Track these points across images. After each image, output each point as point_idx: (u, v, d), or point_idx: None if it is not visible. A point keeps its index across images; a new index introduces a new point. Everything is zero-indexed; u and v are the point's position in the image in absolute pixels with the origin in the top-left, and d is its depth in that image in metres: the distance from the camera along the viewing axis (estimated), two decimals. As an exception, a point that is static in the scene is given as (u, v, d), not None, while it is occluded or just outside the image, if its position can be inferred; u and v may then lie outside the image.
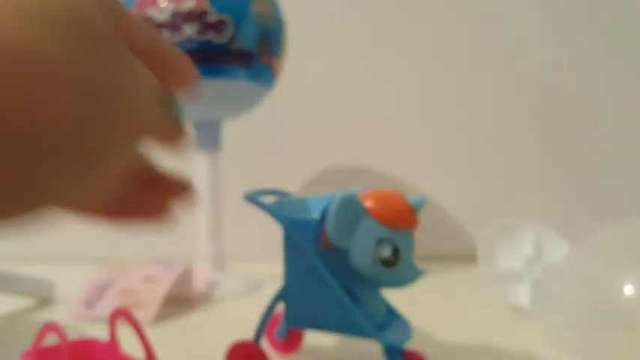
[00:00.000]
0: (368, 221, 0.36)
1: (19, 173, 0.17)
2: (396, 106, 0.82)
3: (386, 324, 0.38)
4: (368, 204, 0.36)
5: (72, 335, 0.35)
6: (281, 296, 0.38)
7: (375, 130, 0.82)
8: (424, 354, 0.38)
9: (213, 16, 0.57)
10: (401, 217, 0.36)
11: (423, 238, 0.44)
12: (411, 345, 0.38)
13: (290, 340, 0.44)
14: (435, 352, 0.43)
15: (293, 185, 0.81)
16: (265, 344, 0.42)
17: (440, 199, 0.81)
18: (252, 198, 0.39)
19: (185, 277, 0.58)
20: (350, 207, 0.36)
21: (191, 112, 0.63)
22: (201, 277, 0.62)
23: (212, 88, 0.60)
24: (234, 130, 0.70)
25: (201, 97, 0.60)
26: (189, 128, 0.64)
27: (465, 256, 0.75)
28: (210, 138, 0.64)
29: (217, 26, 0.58)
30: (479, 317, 0.54)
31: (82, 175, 0.19)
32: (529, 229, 0.59)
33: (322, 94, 0.81)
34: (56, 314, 0.55)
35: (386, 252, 0.36)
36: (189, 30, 0.57)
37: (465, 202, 0.81)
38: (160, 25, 0.58)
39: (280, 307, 0.39)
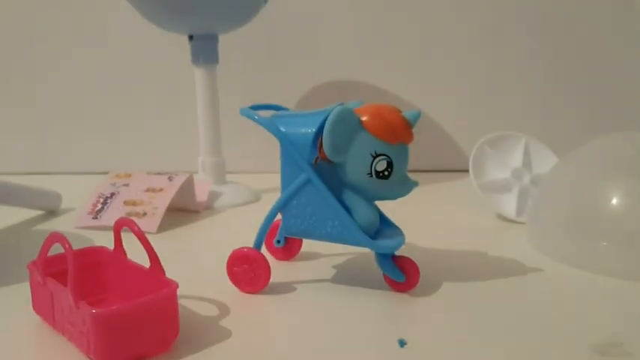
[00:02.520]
0: (363, 135, 0.36)
1: None
2: (395, 22, 0.79)
3: (379, 233, 0.40)
4: (364, 118, 0.36)
5: (78, 245, 0.36)
6: (278, 207, 0.39)
7: (374, 45, 0.80)
8: (414, 259, 0.40)
9: None
10: (396, 132, 0.36)
11: (419, 153, 0.45)
12: (402, 252, 0.39)
13: (288, 247, 0.46)
14: (425, 257, 0.45)
15: (291, 100, 0.80)
16: (265, 251, 0.44)
17: (435, 114, 0.81)
18: (248, 112, 0.39)
19: (187, 188, 0.60)
20: (345, 121, 0.36)
21: (188, 25, 0.61)
22: (203, 188, 0.63)
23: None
24: (231, 44, 0.68)
25: (198, 8, 0.58)
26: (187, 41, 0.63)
27: (459, 169, 0.76)
28: (207, 51, 0.63)
29: None
30: (468, 226, 0.56)
31: None
32: (519, 142, 0.60)
33: (319, 6, 0.79)
34: (63, 226, 0.57)
35: (381, 165, 0.36)
36: None
37: (460, 117, 0.81)
38: None
39: (279, 216, 0.41)
